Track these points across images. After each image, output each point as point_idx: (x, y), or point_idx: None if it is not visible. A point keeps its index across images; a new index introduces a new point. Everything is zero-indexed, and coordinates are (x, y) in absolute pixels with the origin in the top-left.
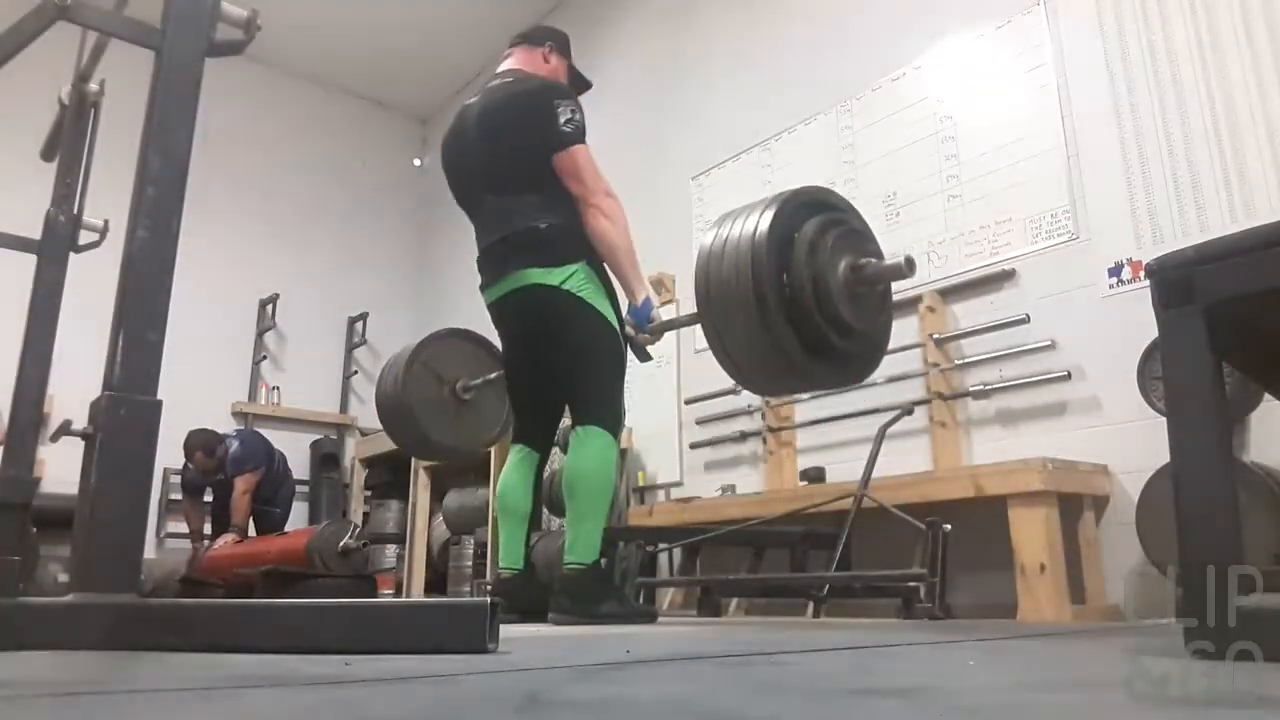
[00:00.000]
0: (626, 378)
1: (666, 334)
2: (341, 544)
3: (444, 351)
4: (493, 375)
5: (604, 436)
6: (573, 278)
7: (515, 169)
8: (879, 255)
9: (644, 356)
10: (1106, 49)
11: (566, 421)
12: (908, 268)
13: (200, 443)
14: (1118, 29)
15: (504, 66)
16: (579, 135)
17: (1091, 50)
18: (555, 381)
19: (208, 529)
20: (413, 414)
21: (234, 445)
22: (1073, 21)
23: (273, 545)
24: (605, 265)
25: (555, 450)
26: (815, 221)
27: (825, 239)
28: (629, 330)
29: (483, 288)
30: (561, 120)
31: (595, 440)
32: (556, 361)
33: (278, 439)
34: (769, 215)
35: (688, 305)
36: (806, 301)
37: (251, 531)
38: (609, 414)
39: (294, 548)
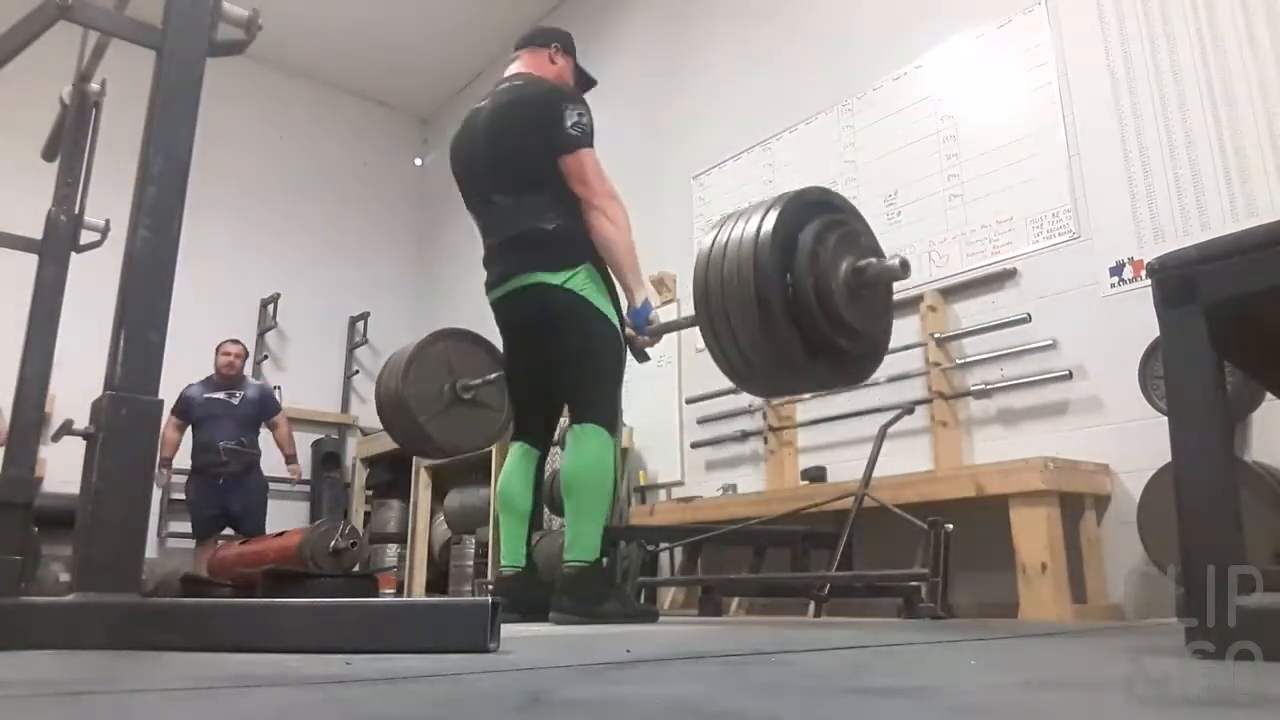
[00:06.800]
0: (626, 377)
1: (667, 335)
2: (332, 543)
3: (446, 350)
4: (492, 376)
5: (601, 435)
6: (575, 278)
7: (522, 170)
8: (880, 254)
9: (642, 358)
10: (1108, 47)
11: (565, 420)
12: (902, 269)
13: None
14: (1119, 27)
15: (511, 70)
16: (586, 139)
17: (1093, 48)
18: (556, 380)
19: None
20: (409, 409)
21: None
22: (1074, 20)
23: (269, 546)
24: (608, 267)
25: (555, 449)
26: (817, 223)
27: (827, 240)
28: (628, 331)
29: (488, 286)
30: (569, 124)
31: (593, 438)
32: (557, 360)
33: None
34: (773, 216)
35: (689, 305)
36: (809, 302)
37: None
38: (607, 413)
39: (289, 547)
